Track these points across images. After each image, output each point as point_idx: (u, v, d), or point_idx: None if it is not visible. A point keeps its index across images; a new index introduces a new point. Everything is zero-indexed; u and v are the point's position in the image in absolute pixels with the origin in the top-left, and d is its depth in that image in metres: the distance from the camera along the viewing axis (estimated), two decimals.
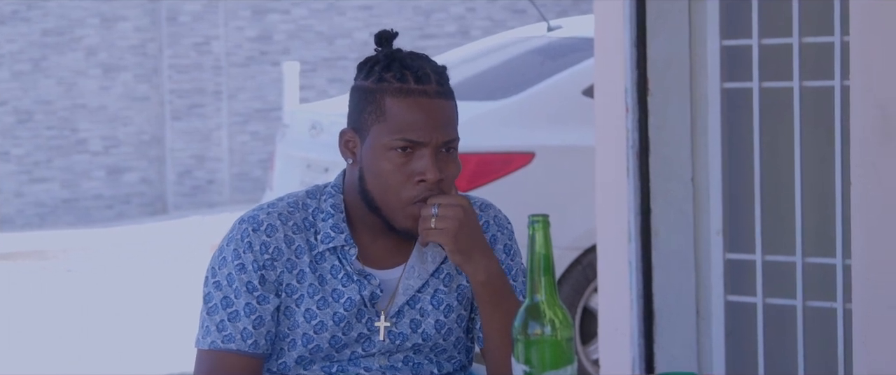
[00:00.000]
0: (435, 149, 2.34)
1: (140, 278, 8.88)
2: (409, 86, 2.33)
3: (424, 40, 13.27)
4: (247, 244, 2.37)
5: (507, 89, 5.93)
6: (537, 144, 5.68)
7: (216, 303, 2.38)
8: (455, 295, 2.43)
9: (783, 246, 3.86)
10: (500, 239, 2.46)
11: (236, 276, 2.37)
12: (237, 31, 12.59)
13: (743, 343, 3.95)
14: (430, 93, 2.33)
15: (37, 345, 6.99)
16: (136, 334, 7.15)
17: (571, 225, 5.49)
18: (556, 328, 2.01)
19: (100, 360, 6.64)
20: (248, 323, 2.36)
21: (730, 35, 3.90)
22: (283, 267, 2.38)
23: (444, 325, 2.43)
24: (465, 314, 2.45)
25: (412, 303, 2.42)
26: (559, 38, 6.25)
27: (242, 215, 2.41)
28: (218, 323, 2.37)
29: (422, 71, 2.34)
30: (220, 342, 2.36)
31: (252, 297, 2.37)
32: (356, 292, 2.39)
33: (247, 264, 2.36)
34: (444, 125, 2.33)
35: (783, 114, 3.86)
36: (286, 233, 2.38)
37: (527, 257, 2.05)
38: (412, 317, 2.42)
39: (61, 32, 12.05)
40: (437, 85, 2.34)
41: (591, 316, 5.62)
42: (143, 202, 12.31)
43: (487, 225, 2.46)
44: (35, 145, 11.99)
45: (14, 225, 11.66)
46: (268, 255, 2.37)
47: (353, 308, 2.39)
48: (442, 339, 2.43)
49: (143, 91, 12.34)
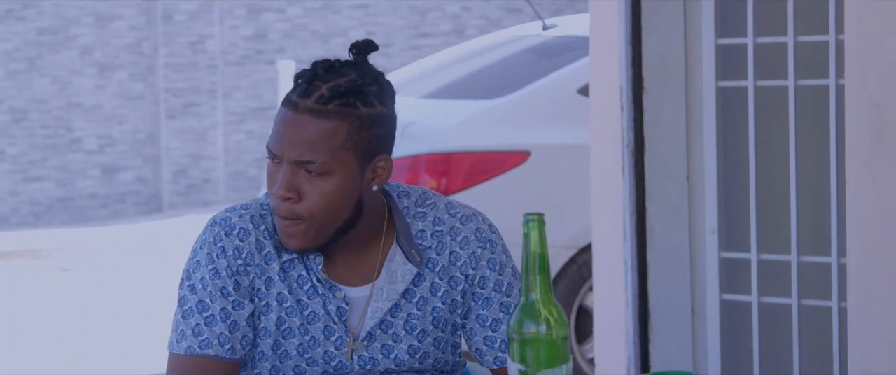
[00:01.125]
0: (292, 166, 2.24)
1: (135, 277, 8.87)
2: (289, 97, 2.26)
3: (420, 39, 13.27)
4: (220, 248, 2.31)
5: (502, 88, 5.93)
6: (532, 143, 5.68)
7: (191, 307, 2.32)
8: (430, 320, 2.35)
9: (778, 244, 3.86)
10: (482, 255, 2.35)
11: (210, 281, 2.31)
12: (232, 30, 12.58)
13: (738, 342, 3.95)
14: (300, 108, 2.23)
15: (32, 345, 6.98)
16: (132, 333, 7.15)
17: (567, 223, 5.49)
18: (552, 327, 2.00)
19: (95, 359, 6.63)
20: (224, 328, 2.30)
21: (725, 33, 3.90)
22: (255, 273, 2.32)
23: (419, 350, 2.35)
24: (445, 335, 2.37)
25: (385, 328, 2.34)
26: (554, 37, 6.25)
27: (215, 216, 2.35)
28: (194, 327, 2.31)
29: (315, 84, 2.24)
30: (196, 347, 2.30)
31: (227, 302, 2.31)
32: (320, 305, 2.32)
33: (220, 269, 2.31)
34: (297, 143, 2.22)
35: (778, 113, 3.86)
36: (258, 238, 2.32)
37: (522, 256, 2.04)
38: (384, 342, 2.34)
39: (56, 31, 12.04)
40: (315, 101, 2.22)
41: (586, 315, 5.62)
42: (139, 201, 12.30)
43: (466, 242, 2.35)
44: (30, 144, 11.98)
45: (9, 224, 11.65)
46: (241, 260, 2.31)
47: (317, 321, 2.32)
48: (417, 363, 2.36)
49: (139, 90, 12.33)
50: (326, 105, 2.24)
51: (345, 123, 2.24)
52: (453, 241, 2.36)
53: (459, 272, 2.36)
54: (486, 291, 2.37)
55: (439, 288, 2.35)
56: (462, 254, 2.36)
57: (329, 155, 2.24)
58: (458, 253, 2.36)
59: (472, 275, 2.36)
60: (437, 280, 2.35)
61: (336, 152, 2.24)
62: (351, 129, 2.24)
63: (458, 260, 2.36)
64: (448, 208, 2.38)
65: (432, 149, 5.63)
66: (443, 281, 2.36)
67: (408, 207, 2.36)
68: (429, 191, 2.39)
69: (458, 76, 6.27)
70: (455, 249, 2.36)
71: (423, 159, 5.62)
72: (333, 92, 2.24)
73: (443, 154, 5.63)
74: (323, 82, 2.25)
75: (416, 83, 6.35)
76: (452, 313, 2.37)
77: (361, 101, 2.26)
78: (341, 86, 2.24)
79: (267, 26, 12.68)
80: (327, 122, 2.24)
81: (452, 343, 2.40)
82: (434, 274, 2.35)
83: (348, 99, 2.25)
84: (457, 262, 2.36)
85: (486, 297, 2.37)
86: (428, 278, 2.35)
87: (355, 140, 2.25)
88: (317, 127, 2.23)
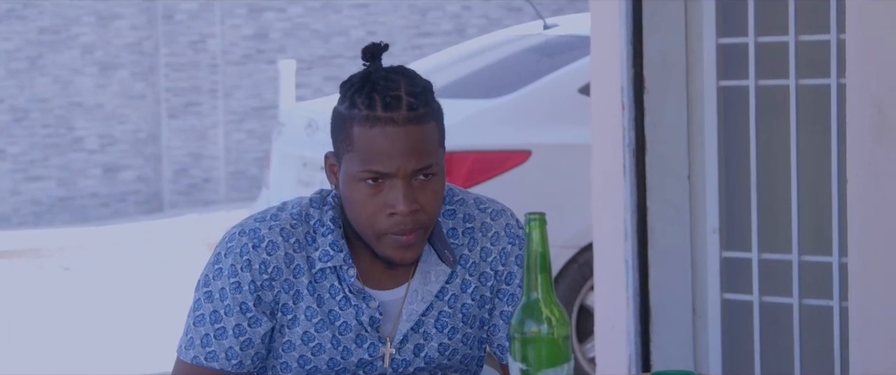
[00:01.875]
0: (406, 180, 2.21)
1: (136, 276, 8.87)
2: (376, 114, 2.20)
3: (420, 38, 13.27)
4: (246, 261, 2.26)
5: (503, 87, 5.93)
6: (533, 142, 5.68)
7: (204, 314, 2.28)
8: (460, 317, 2.33)
9: (779, 244, 3.86)
10: (511, 251, 2.34)
11: (230, 293, 2.27)
12: (233, 30, 12.58)
13: (739, 341, 3.95)
14: (399, 121, 2.20)
15: (33, 344, 6.98)
16: (133, 332, 7.15)
17: (568, 223, 5.49)
18: (553, 326, 2.00)
19: (96, 358, 6.63)
20: (234, 343, 2.27)
21: (726, 33, 3.90)
22: (281, 288, 2.28)
23: (449, 347, 2.34)
24: (473, 331, 2.36)
25: (416, 328, 2.32)
26: (555, 36, 6.25)
27: (243, 225, 2.29)
28: (202, 337, 2.28)
29: (392, 95, 2.21)
30: (202, 358, 2.28)
31: (244, 318, 2.27)
32: (353, 316, 2.29)
33: (243, 283, 2.26)
34: (414, 153, 2.20)
35: (779, 112, 3.86)
36: (287, 251, 2.27)
37: (524, 255, 2.04)
38: (416, 342, 2.33)
39: (57, 31, 12.04)
40: (407, 110, 2.20)
41: (587, 314, 5.62)
42: (140, 200, 12.30)
43: (497, 237, 2.34)
44: (31, 143, 11.98)
45: (10, 224, 11.65)
46: (267, 275, 2.27)
47: (349, 332, 2.29)
48: (446, 360, 2.35)
49: (140, 89, 12.33)
50: (418, 110, 2.22)
51: (433, 121, 2.25)
52: (484, 237, 2.35)
53: (490, 267, 2.35)
54: (512, 287, 2.36)
55: (469, 284, 2.34)
56: (493, 250, 2.34)
57: (436, 155, 2.25)
58: (488, 248, 2.34)
59: (502, 271, 2.35)
60: (468, 276, 2.34)
61: (437, 151, 2.25)
62: (438, 125, 2.27)
63: (489, 255, 2.34)
64: (477, 203, 2.36)
65: None
66: (473, 278, 2.34)
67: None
68: (455, 187, 2.38)
69: (459, 75, 6.26)
70: (486, 245, 2.35)
71: None
72: (415, 96, 2.23)
73: None
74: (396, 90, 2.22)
75: None
76: (481, 309, 2.36)
77: (432, 98, 2.26)
78: (416, 89, 2.23)
79: (268, 25, 12.68)
80: (426, 125, 2.23)
81: (479, 338, 2.39)
82: (465, 271, 2.34)
83: (427, 97, 2.25)
84: (487, 258, 2.34)
85: (511, 294, 2.36)
86: (459, 275, 2.33)
87: (442, 135, 2.28)
88: (422, 132, 2.22)
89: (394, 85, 2.23)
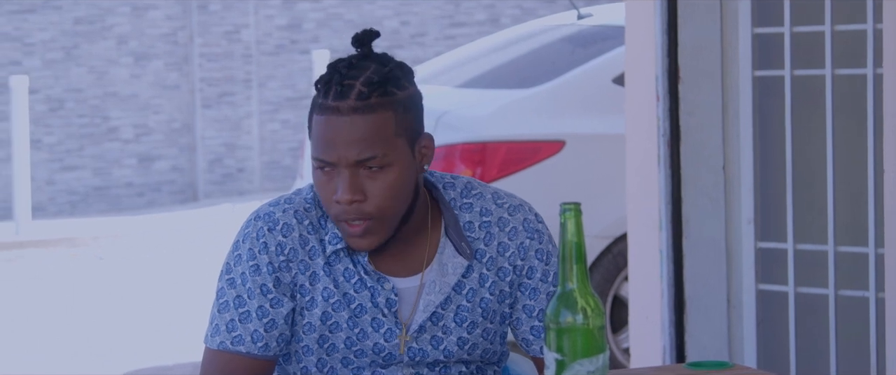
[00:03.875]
0: (351, 169, 2.22)
1: (170, 266, 8.91)
2: (326, 103, 2.22)
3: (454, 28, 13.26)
4: (262, 244, 2.30)
5: (537, 77, 5.92)
6: (567, 132, 5.67)
7: (228, 301, 2.31)
8: (479, 311, 2.34)
9: (815, 234, 3.85)
10: (530, 245, 2.34)
11: (250, 277, 2.30)
12: (267, 20, 12.60)
13: (774, 333, 3.94)
14: (343, 111, 2.20)
15: (68, 333, 7.02)
16: (166, 321, 7.18)
17: (602, 213, 5.47)
18: (589, 316, 1.99)
19: (130, 348, 6.66)
20: (259, 325, 2.30)
21: (762, 22, 3.88)
22: (298, 269, 2.31)
23: (468, 342, 2.35)
24: (493, 327, 2.36)
25: (435, 320, 2.33)
26: (589, 26, 6.23)
27: (258, 210, 2.33)
28: (228, 323, 2.30)
29: (346, 83, 2.22)
30: (229, 343, 2.30)
31: (265, 300, 2.30)
32: (368, 298, 2.31)
33: (262, 265, 2.30)
34: (355, 144, 2.21)
35: (815, 103, 3.84)
36: (302, 233, 2.31)
37: (558, 245, 2.03)
38: (434, 334, 2.33)
39: (92, 21, 12.09)
40: (356, 100, 2.20)
41: (621, 305, 5.61)
42: (174, 190, 12.34)
43: (515, 232, 2.34)
44: (67, 133, 12.04)
45: (46, 213, 11.71)
46: (283, 256, 2.30)
47: (365, 314, 2.31)
48: (466, 354, 2.36)
49: (174, 79, 12.37)
50: (368, 99, 2.23)
51: (390, 112, 2.24)
52: (501, 232, 2.35)
53: (508, 262, 2.35)
54: (534, 281, 2.36)
55: (487, 278, 2.34)
56: (510, 245, 2.34)
57: (385, 146, 2.23)
58: (506, 243, 2.34)
59: (521, 266, 2.35)
60: (486, 270, 2.34)
61: (390, 142, 2.24)
62: (397, 116, 2.24)
63: (507, 250, 2.34)
64: (495, 198, 2.36)
65: (467, 139, 5.62)
66: (491, 272, 2.34)
67: (454, 198, 2.35)
68: (473, 181, 2.38)
69: (493, 65, 6.26)
70: (503, 240, 2.35)
71: (458, 148, 5.62)
72: (370, 85, 2.23)
73: (478, 143, 5.62)
74: (353, 79, 2.24)
75: (450, 72, 6.34)
76: (501, 303, 2.36)
77: (396, 86, 2.25)
78: (374, 78, 2.24)
79: (301, 16, 12.70)
80: (375, 115, 2.23)
81: (500, 333, 2.39)
82: (482, 266, 2.34)
83: (385, 87, 2.24)
84: (505, 253, 2.35)
85: (533, 288, 2.36)
86: (476, 269, 2.34)
87: (403, 125, 2.25)
88: (367, 122, 2.22)
89: (354, 73, 2.23)
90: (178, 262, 8.98)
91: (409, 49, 13.05)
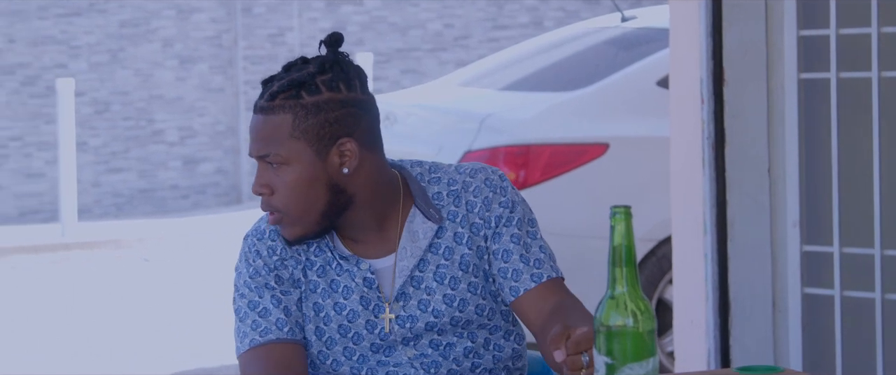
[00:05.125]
0: (261, 163, 2.40)
1: (215, 268, 8.95)
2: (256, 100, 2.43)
3: (497, 31, 13.25)
4: (255, 252, 2.46)
5: (580, 80, 5.91)
6: (611, 135, 5.66)
7: (244, 309, 2.44)
8: (458, 266, 2.44)
9: (861, 238, 3.82)
10: (494, 198, 2.46)
11: (253, 281, 2.45)
12: (311, 23, 12.64)
13: (820, 336, 3.91)
14: (256, 108, 2.41)
15: (113, 334, 7.06)
16: (211, 323, 7.20)
17: (646, 216, 5.46)
18: (639, 320, 1.99)
19: (174, 350, 6.69)
20: (279, 313, 2.42)
21: (807, 24, 3.86)
22: (293, 264, 2.46)
23: (455, 298, 2.44)
24: (478, 281, 2.45)
25: (416, 284, 2.44)
26: (633, 29, 6.22)
27: (247, 231, 2.51)
28: (251, 323, 2.43)
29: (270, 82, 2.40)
30: (257, 336, 2.41)
31: (275, 291, 2.44)
32: (349, 279, 2.44)
33: (259, 269, 2.45)
34: (256, 140, 2.39)
35: (861, 105, 3.82)
36: None
37: (608, 248, 2.03)
38: (419, 298, 2.44)
39: (138, 24, 12.16)
40: (266, 99, 2.38)
41: (665, 308, 5.59)
42: (219, 192, 12.40)
43: (478, 190, 2.46)
44: (112, 136, 12.11)
45: (92, 215, 11.79)
46: (276, 256, 2.46)
47: (352, 295, 2.43)
48: (458, 312, 2.44)
49: (219, 82, 12.43)
50: (273, 101, 2.38)
51: (289, 114, 2.37)
52: (467, 192, 2.47)
53: (478, 217, 2.46)
54: (499, 227, 2.46)
55: (463, 235, 2.45)
56: (476, 202, 2.46)
57: (280, 146, 2.38)
58: (472, 201, 2.46)
59: (488, 216, 2.46)
60: (460, 229, 2.45)
61: (286, 142, 2.38)
62: (296, 119, 2.37)
63: (475, 207, 2.46)
64: (457, 169, 2.50)
65: (511, 141, 5.62)
66: (465, 230, 2.45)
67: (421, 174, 2.49)
68: (438, 163, 2.52)
69: (537, 68, 6.25)
70: (469, 198, 2.46)
71: (501, 151, 5.62)
72: (280, 87, 2.38)
73: (521, 146, 5.62)
74: (278, 80, 2.40)
75: (494, 75, 6.34)
76: (481, 259, 2.46)
77: (306, 91, 2.37)
78: (289, 81, 2.38)
79: (345, 18, 12.73)
80: (274, 116, 2.38)
81: (489, 289, 2.47)
82: (456, 225, 2.45)
83: (292, 91, 2.38)
84: (474, 209, 2.46)
85: (497, 232, 2.46)
86: (450, 229, 2.45)
87: (303, 128, 2.37)
88: (266, 122, 2.39)
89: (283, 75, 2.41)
90: (222, 264, 9.02)
91: (452, 51, 13.06)
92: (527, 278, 2.43)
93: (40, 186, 11.85)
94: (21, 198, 11.81)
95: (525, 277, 2.43)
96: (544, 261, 2.44)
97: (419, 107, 6.15)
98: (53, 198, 11.65)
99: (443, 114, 6.00)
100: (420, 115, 6.05)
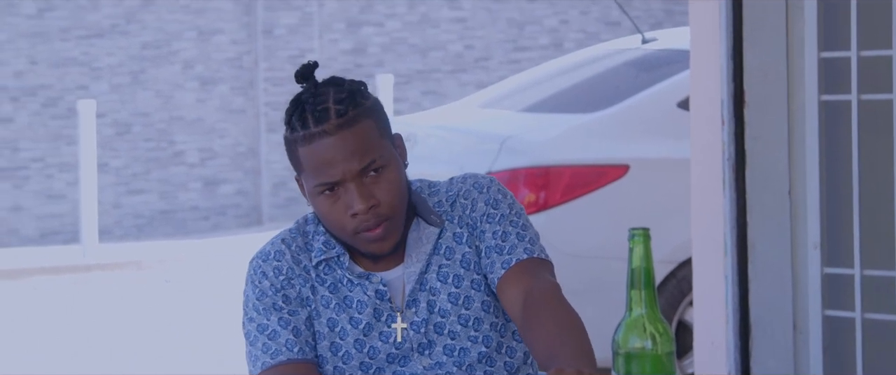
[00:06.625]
0: (356, 180, 2.40)
1: (236, 289, 8.95)
2: (310, 132, 2.39)
3: (518, 53, 13.27)
4: (261, 273, 2.48)
5: (601, 102, 5.92)
6: (632, 157, 5.66)
7: (253, 334, 2.46)
8: (459, 263, 2.49)
9: (883, 260, 3.81)
10: (479, 197, 2.51)
11: (260, 303, 2.47)
12: (331, 44, 12.67)
13: (841, 359, 3.90)
14: (330, 131, 2.38)
15: (133, 355, 7.07)
16: (233, 345, 7.21)
17: (666, 238, 5.45)
18: (657, 342, 1.99)
19: (195, 371, 6.69)
20: (287, 335, 2.44)
21: (828, 46, 3.86)
22: (299, 283, 2.48)
23: (459, 295, 2.47)
24: (480, 277, 2.49)
25: (422, 286, 2.47)
26: (654, 50, 6.22)
27: (253, 255, 2.53)
28: (262, 347, 2.45)
29: (320, 109, 2.40)
30: (268, 359, 2.43)
31: (283, 313, 2.46)
32: (362, 293, 2.47)
33: (266, 290, 2.47)
34: (354, 155, 2.39)
35: (882, 127, 3.81)
36: (293, 254, 2.49)
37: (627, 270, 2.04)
38: (427, 300, 2.47)
39: (159, 46, 12.21)
40: (336, 118, 2.39)
41: (686, 330, 5.58)
42: (239, 213, 12.42)
43: (468, 192, 2.52)
44: (133, 157, 12.15)
45: (112, 236, 11.82)
46: (283, 276, 2.48)
47: (366, 308, 2.46)
48: (464, 309, 2.48)
49: (239, 103, 12.46)
50: (347, 114, 2.40)
51: (369, 119, 2.42)
52: (460, 196, 2.54)
53: (470, 217, 2.52)
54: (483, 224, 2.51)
55: (462, 235, 2.50)
56: (467, 203, 2.53)
57: (377, 150, 2.42)
58: (464, 203, 2.53)
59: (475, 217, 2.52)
60: (458, 229, 2.51)
61: (379, 143, 2.43)
62: (375, 121, 2.43)
63: (467, 208, 2.53)
64: (450, 182, 2.57)
65: (531, 163, 5.62)
66: (463, 230, 2.51)
67: (420, 188, 2.55)
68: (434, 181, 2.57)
69: (557, 89, 6.26)
70: (462, 201, 2.54)
71: (521, 173, 5.62)
72: (342, 103, 2.40)
73: (542, 167, 5.62)
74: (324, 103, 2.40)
75: (514, 97, 6.34)
76: (479, 257, 2.51)
77: (362, 97, 2.43)
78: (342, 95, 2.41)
79: (366, 40, 12.76)
80: (357, 126, 2.40)
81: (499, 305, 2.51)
82: (454, 225, 2.51)
83: (355, 99, 2.42)
84: (466, 210, 2.53)
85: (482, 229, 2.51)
86: (449, 230, 2.51)
87: (382, 128, 2.44)
88: (353, 134, 2.39)
89: (321, 98, 2.41)
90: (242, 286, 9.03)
91: (472, 73, 13.07)
92: (498, 266, 2.47)
93: (61, 207, 11.89)
94: (42, 220, 11.85)
95: (498, 266, 2.47)
96: (517, 245, 2.47)
97: (439, 129, 6.15)
98: (74, 220, 11.69)
99: (463, 136, 6.00)
100: (440, 137, 6.06)
